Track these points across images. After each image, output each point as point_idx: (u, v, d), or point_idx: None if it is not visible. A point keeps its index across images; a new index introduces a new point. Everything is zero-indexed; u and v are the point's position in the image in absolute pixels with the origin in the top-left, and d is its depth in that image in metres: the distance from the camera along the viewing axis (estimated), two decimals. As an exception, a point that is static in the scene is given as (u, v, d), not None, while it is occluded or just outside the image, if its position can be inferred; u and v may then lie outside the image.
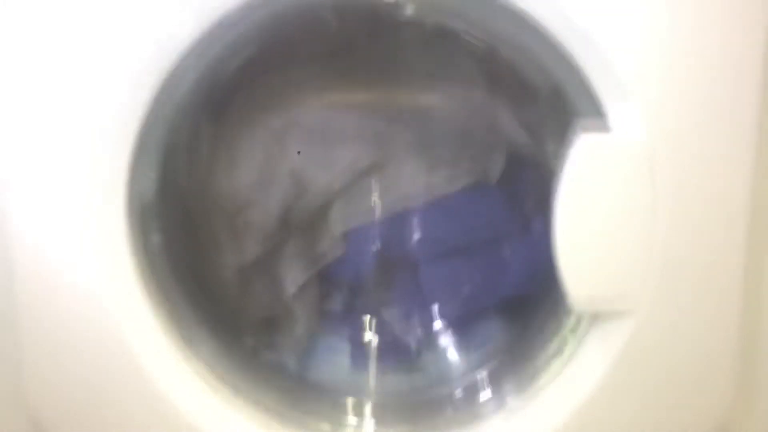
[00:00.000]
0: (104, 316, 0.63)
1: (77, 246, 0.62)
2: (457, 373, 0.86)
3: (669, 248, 0.61)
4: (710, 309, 0.64)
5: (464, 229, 0.86)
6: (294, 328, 0.89)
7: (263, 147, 0.81)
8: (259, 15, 0.62)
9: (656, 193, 0.60)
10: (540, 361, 0.72)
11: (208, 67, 0.66)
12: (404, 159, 0.83)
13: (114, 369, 0.64)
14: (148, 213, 0.69)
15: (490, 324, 0.88)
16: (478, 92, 0.82)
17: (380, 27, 0.78)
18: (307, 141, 0.81)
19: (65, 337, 0.64)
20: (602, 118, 0.61)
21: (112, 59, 0.58)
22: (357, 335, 0.90)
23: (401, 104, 0.84)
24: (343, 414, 0.77)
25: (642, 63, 0.58)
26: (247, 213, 0.83)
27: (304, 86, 0.83)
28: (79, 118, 0.60)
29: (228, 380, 0.71)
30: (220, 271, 0.84)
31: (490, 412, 0.71)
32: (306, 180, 0.82)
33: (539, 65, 0.67)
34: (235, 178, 0.81)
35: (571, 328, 0.70)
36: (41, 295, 0.63)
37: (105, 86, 0.59)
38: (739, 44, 0.58)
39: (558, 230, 0.61)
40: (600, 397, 0.65)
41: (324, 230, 0.87)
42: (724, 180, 0.61)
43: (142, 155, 0.63)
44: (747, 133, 0.60)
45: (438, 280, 0.88)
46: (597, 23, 0.57)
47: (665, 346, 0.64)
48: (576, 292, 0.62)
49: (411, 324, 0.90)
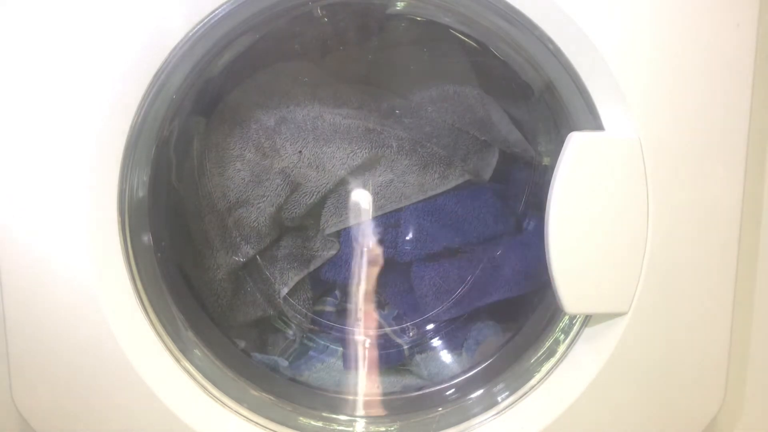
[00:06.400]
0: (94, 316, 0.62)
1: (68, 245, 0.61)
2: (449, 373, 0.85)
3: (661, 249, 0.61)
4: (701, 309, 0.64)
5: (457, 229, 0.86)
6: (286, 328, 0.89)
7: (255, 145, 0.80)
8: (250, 11, 0.62)
9: (649, 192, 0.60)
10: (532, 361, 0.72)
11: (198, 64, 0.66)
12: (396, 157, 0.82)
13: (104, 368, 0.64)
14: (139, 212, 0.68)
15: (482, 324, 0.88)
16: (470, 90, 0.82)
17: (371, 23, 0.77)
18: (299, 139, 0.80)
19: (54, 337, 0.63)
20: (595, 117, 0.61)
21: (103, 57, 0.58)
22: (349, 336, 0.90)
23: (393, 102, 0.84)
24: (334, 414, 0.77)
25: (635, 62, 0.58)
26: (238, 212, 0.82)
27: (296, 83, 0.83)
28: (69, 116, 0.59)
29: (219, 380, 0.70)
30: (212, 271, 0.84)
31: (482, 412, 0.70)
32: (298, 178, 0.82)
33: (532, 64, 0.67)
34: (227, 176, 0.81)
35: (563, 329, 0.70)
36: (30, 295, 0.62)
37: (95, 84, 0.59)
38: (730, 44, 0.59)
39: (551, 230, 0.61)
40: (591, 397, 0.65)
41: (316, 230, 0.87)
42: (716, 180, 0.61)
43: (133, 153, 0.63)
44: (739, 133, 0.60)
45: (430, 281, 0.88)
46: (590, 23, 0.57)
47: (657, 346, 0.64)
48: (568, 294, 0.62)
49: (403, 324, 0.90)
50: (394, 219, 0.86)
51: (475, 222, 0.86)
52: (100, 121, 0.59)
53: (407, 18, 0.75)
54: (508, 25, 0.63)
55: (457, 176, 0.84)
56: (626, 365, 0.64)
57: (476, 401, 0.74)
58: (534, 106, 0.80)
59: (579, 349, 0.67)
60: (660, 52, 0.58)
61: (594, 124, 0.61)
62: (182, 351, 0.68)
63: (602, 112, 0.60)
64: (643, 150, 0.59)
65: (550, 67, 0.64)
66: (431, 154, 0.83)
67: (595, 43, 0.58)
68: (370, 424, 0.75)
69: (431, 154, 0.83)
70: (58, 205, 0.61)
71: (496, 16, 0.63)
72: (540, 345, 0.72)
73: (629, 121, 0.59)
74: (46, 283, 0.62)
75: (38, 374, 0.64)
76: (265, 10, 0.65)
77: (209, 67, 0.71)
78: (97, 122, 0.59)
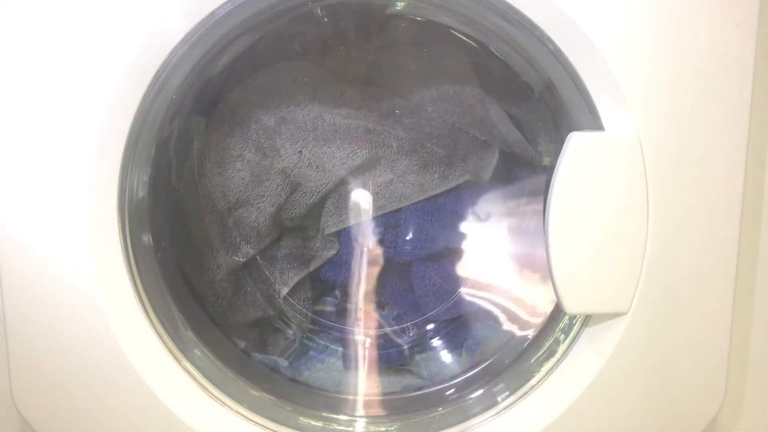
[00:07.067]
0: (94, 316, 0.62)
1: (68, 245, 0.61)
2: (449, 373, 0.85)
3: (661, 249, 0.61)
4: (701, 309, 0.64)
5: (457, 229, 0.86)
6: (286, 328, 0.89)
7: (255, 145, 0.80)
8: (250, 11, 0.62)
9: (649, 192, 0.60)
10: (532, 361, 0.72)
11: (198, 64, 0.66)
12: (396, 157, 0.82)
13: (104, 368, 0.64)
14: (139, 212, 0.68)
15: (482, 324, 0.88)
16: (470, 90, 0.82)
17: (371, 23, 0.77)
18: (299, 139, 0.80)
19: (54, 337, 0.63)
20: (595, 117, 0.61)
21: (103, 56, 0.58)
22: (349, 336, 0.90)
23: (393, 102, 0.84)
24: (334, 414, 0.77)
25: (635, 62, 0.58)
26: (238, 212, 0.82)
27: (296, 83, 0.83)
28: (69, 115, 0.59)
29: (219, 380, 0.70)
30: (212, 271, 0.84)
31: (482, 412, 0.70)
32: (298, 178, 0.82)
33: (532, 64, 0.67)
34: (227, 176, 0.81)
35: (563, 329, 0.70)
36: (30, 295, 0.62)
37: (95, 84, 0.59)
38: (730, 44, 0.58)
39: (550, 230, 0.61)
40: (591, 397, 0.64)
41: (316, 230, 0.87)
42: (716, 180, 0.61)
43: (133, 153, 0.63)
44: (739, 133, 0.60)
45: (430, 281, 0.88)
46: (590, 23, 0.57)
47: (657, 346, 0.64)
48: (568, 294, 0.62)
49: (403, 324, 0.90)
50: (394, 219, 0.85)
51: (474, 222, 0.86)
52: (100, 121, 0.59)
53: (407, 18, 0.75)
54: (508, 25, 0.63)
55: (457, 176, 0.83)
56: (626, 365, 0.64)
57: (476, 401, 0.74)
58: (534, 106, 0.80)
59: (579, 349, 0.67)
60: (660, 52, 0.58)
61: (594, 124, 0.61)
62: (182, 351, 0.68)
63: (602, 112, 0.60)
64: (643, 150, 0.59)
65: (550, 67, 0.64)
66: (431, 154, 0.83)
67: (595, 43, 0.58)
68: (370, 424, 0.75)
69: (431, 154, 0.83)
70: (58, 205, 0.60)
71: (496, 16, 0.63)
72: (540, 345, 0.72)
73: (629, 121, 0.59)
74: (46, 283, 0.62)
75: (38, 374, 0.64)
76: (265, 10, 0.65)
77: (209, 67, 0.71)
78: (97, 122, 0.59)
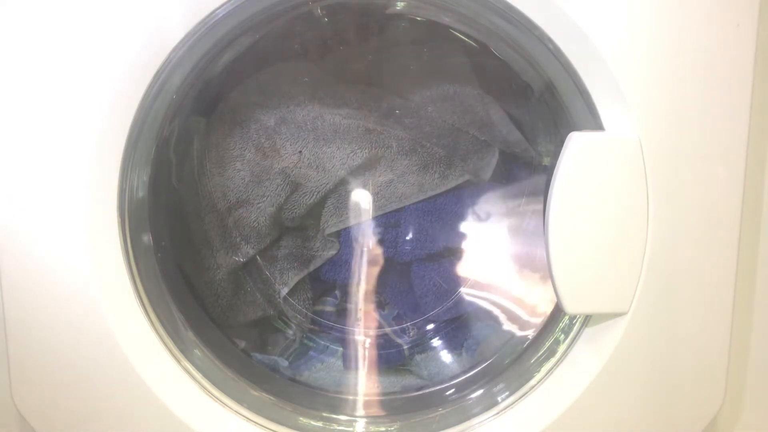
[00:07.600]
0: (94, 316, 0.62)
1: (68, 245, 0.61)
2: (449, 373, 0.85)
3: (661, 249, 0.61)
4: (701, 309, 0.64)
5: (457, 229, 0.86)
6: (286, 328, 0.89)
7: (255, 145, 0.80)
8: (250, 11, 0.62)
9: (649, 192, 0.60)
10: (532, 361, 0.72)
11: (198, 64, 0.66)
12: (396, 157, 0.82)
13: (104, 368, 0.63)
14: (139, 212, 0.68)
15: (482, 324, 0.88)
16: (470, 90, 0.82)
17: (371, 23, 0.77)
18: (299, 139, 0.80)
19: (54, 337, 0.63)
20: (595, 117, 0.61)
21: (103, 56, 0.58)
22: (349, 336, 0.90)
23: (393, 102, 0.84)
24: (334, 414, 0.77)
25: (635, 62, 0.58)
26: (238, 212, 0.82)
27: (296, 83, 0.83)
28: (69, 115, 0.59)
29: (219, 380, 0.70)
30: (212, 271, 0.84)
31: (482, 412, 0.70)
32: (298, 178, 0.82)
33: (532, 64, 0.67)
34: (227, 176, 0.81)
35: (563, 329, 0.70)
36: (30, 295, 0.62)
37: (96, 83, 0.59)
38: (730, 44, 0.58)
39: (550, 230, 0.61)
40: (591, 397, 0.64)
41: (316, 230, 0.87)
42: (716, 180, 0.61)
43: (133, 153, 0.63)
44: (739, 133, 0.60)
45: (430, 281, 0.88)
46: (590, 23, 0.57)
47: (657, 346, 0.64)
48: (568, 294, 0.62)
49: (403, 324, 0.90)
50: (394, 219, 0.85)
51: (474, 222, 0.86)
52: (100, 121, 0.59)
53: (407, 18, 0.75)
54: (508, 25, 0.63)
55: (457, 176, 0.83)
56: (626, 365, 0.64)
57: (476, 401, 0.74)
58: (534, 106, 0.80)
59: (579, 349, 0.67)
60: (660, 52, 0.58)
61: (594, 124, 0.61)
62: (182, 351, 0.68)
63: (602, 112, 0.60)
64: (643, 150, 0.59)
65: (550, 67, 0.64)
66: (431, 154, 0.83)
67: (595, 43, 0.58)
68: (370, 424, 0.75)
69: (431, 154, 0.83)
70: (58, 205, 0.60)
71: (496, 16, 0.63)
72: (540, 345, 0.72)
73: (629, 121, 0.59)
74: (46, 282, 0.62)
75: (38, 374, 0.64)
76: (265, 10, 0.65)
77: (209, 67, 0.71)
78: (97, 122, 0.59)
